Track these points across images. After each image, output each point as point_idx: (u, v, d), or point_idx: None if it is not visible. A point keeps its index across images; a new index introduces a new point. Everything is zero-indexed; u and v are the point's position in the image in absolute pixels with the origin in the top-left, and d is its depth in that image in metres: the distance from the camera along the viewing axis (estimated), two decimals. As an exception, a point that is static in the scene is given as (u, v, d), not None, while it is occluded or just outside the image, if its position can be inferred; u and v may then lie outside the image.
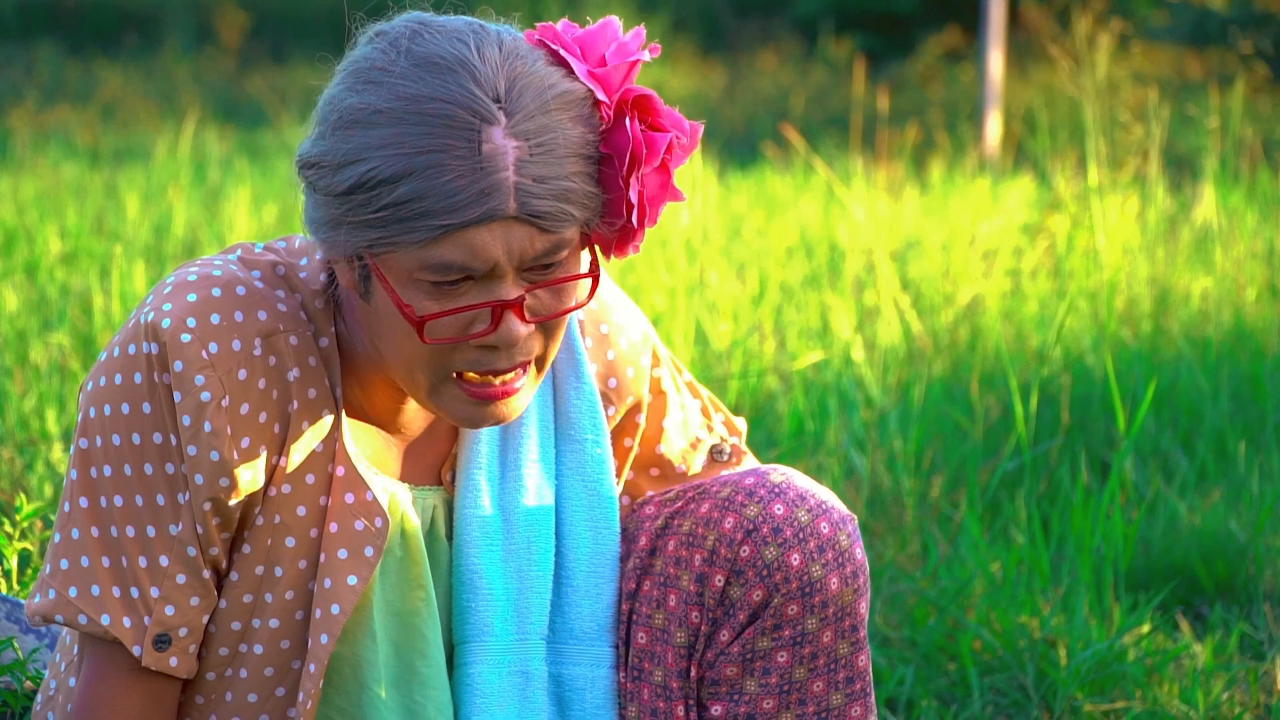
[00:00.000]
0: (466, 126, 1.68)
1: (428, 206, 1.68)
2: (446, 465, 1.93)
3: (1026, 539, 3.41)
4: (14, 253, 6.01)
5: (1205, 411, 4.19)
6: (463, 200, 1.68)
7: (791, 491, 1.93)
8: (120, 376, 1.80)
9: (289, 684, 1.88)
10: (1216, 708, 2.86)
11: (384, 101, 1.69)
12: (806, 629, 1.93)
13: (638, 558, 1.97)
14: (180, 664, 1.84)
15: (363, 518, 1.85)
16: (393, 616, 1.90)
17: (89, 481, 1.83)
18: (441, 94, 1.68)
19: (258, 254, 1.87)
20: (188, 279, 1.81)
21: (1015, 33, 12.33)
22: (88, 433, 1.82)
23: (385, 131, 1.68)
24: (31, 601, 1.86)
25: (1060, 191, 5.61)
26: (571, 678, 1.95)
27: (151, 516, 1.81)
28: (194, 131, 9.03)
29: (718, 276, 5.18)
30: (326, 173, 1.71)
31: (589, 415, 1.96)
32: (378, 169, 1.68)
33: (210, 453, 1.78)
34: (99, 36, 15.26)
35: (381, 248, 1.71)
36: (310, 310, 1.84)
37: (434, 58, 1.70)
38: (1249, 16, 10.30)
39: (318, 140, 1.73)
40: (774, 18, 15.21)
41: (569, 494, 1.96)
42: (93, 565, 1.83)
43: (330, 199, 1.72)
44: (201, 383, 1.77)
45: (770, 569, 1.91)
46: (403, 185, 1.68)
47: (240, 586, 1.86)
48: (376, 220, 1.69)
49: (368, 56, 1.74)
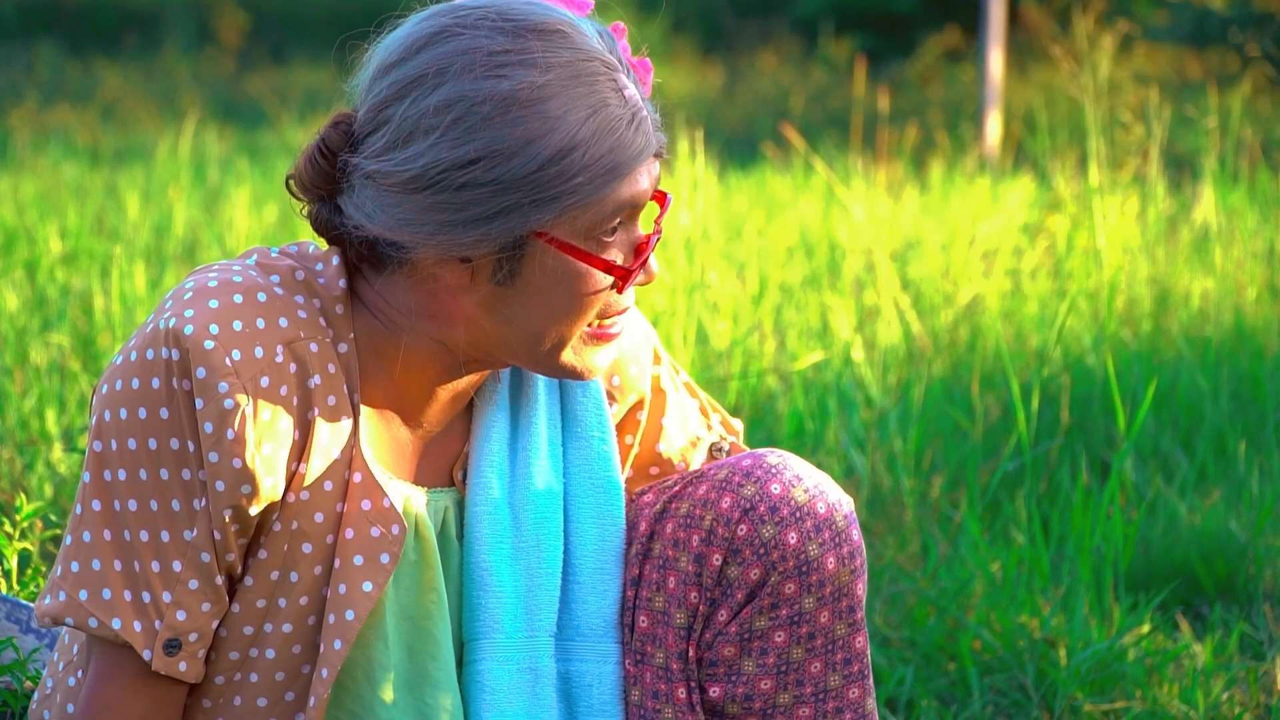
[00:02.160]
0: (608, 77, 1.76)
1: (615, 158, 1.75)
2: (458, 465, 1.94)
3: (1026, 539, 3.41)
4: (14, 253, 6.02)
5: (1205, 411, 4.19)
6: (636, 145, 1.76)
7: (789, 472, 1.94)
8: (138, 381, 1.79)
9: (299, 688, 1.88)
10: (1216, 708, 2.86)
11: (538, 75, 1.73)
12: (804, 608, 1.93)
13: (639, 544, 1.98)
14: (189, 669, 1.84)
15: (379, 524, 1.85)
16: (406, 620, 1.90)
17: (103, 485, 1.82)
18: (579, 55, 1.75)
19: (275, 258, 1.86)
20: (208, 285, 1.80)
21: (1015, 33, 12.33)
22: (103, 436, 1.81)
23: (554, 103, 1.73)
24: (41, 603, 1.85)
25: (1060, 191, 5.61)
26: (579, 674, 1.96)
27: (166, 522, 1.81)
28: (194, 131, 9.03)
29: (718, 276, 5.18)
30: (499, 161, 1.72)
31: (594, 412, 1.98)
32: (562, 138, 1.72)
33: (233, 460, 1.78)
34: (99, 36, 15.26)
35: (568, 213, 1.75)
36: (329, 315, 1.84)
37: (548, 24, 1.76)
38: (1249, 16, 10.30)
39: (461, 140, 1.72)
40: (774, 18, 15.21)
41: (576, 490, 1.97)
42: (105, 568, 1.82)
43: (502, 186, 1.73)
44: (225, 390, 1.76)
45: (767, 547, 1.92)
46: (590, 147, 1.73)
47: (254, 591, 1.86)
48: (570, 188, 1.74)
49: (476, 47, 1.74)
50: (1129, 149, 5.57)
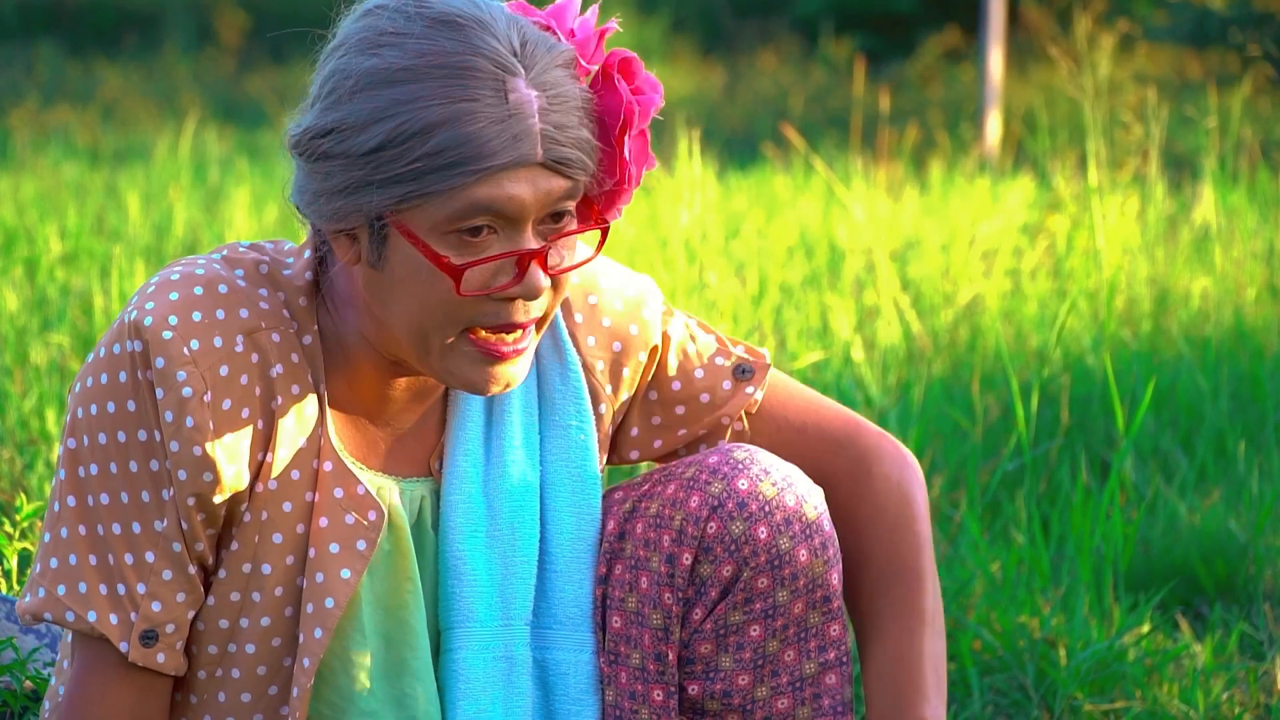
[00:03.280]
0: (493, 77, 1.72)
1: (463, 153, 1.71)
2: (435, 455, 1.94)
3: (1026, 539, 3.41)
4: (14, 253, 6.02)
5: (1205, 411, 4.19)
6: (496, 145, 1.72)
7: (755, 466, 1.93)
8: (106, 376, 1.82)
9: (281, 681, 1.89)
10: (1216, 708, 2.86)
11: (407, 59, 1.72)
12: (777, 601, 1.93)
13: (607, 542, 1.97)
14: (168, 660, 1.85)
15: (353, 511, 1.86)
16: (382, 610, 1.91)
17: (77, 480, 1.84)
18: (465, 48, 1.72)
19: (242, 253, 1.88)
20: (171, 278, 1.83)
21: (1015, 33, 12.33)
22: (75, 432, 1.84)
23: (413, 87, 1.72)
24: (22, 601, 1.87)
25: (1060, 191, 5.61)
26: (555, 663, 1.96)
27: (137, 513, 1.83)
28: (194, 131, 9.03)
29: (717, 276, 5.18)
30: (348, 135, 1.73)
31: (574, 401, 1.97)
32: (409, 122, 1.71)
33: (193, 448, 1.79)
34: (99, 36, 15.26)
35: (413, 201, 1.73)
36: (294, 308, 1.86)
37: (450, 16, 1.74)
38: (1249, 16, 10.30)
39: (328, 109, 1.75)
40: (774, 18, 15.21)
41: (553, 479, 1.96)
42: (80, 563, 1.84)
43: (351, 161, 1.73)
44: (183, 378, 1.79)
45: (738, 543, 1.91)
46: (436, 135, 1.71)
47: (228, 584, 1.87)
48: (409, 173, 1.72)
49: (373, 25, 1.76)
50: (1129, 149, 5.57)
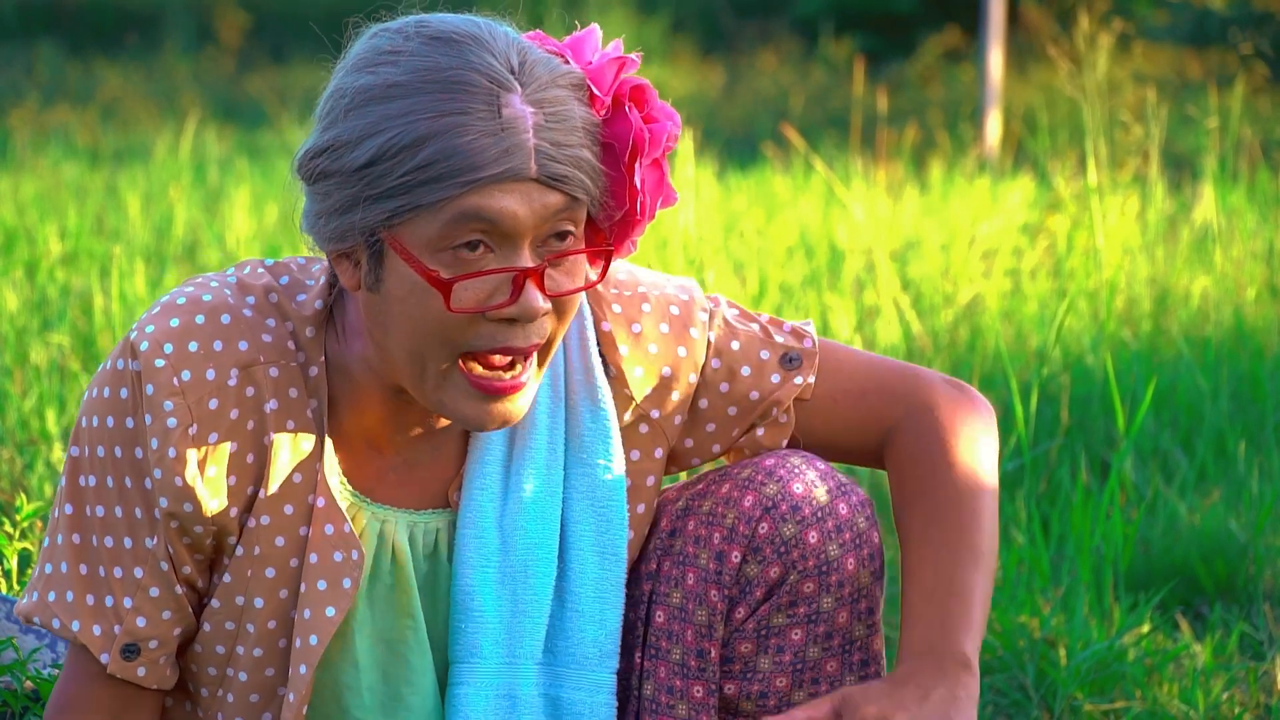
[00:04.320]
0: (486, 92, 1.70)
1: (452, 165, 1.69)
2: (454, 486, 1.91)
3: (1026, 539, 3.41)
4: (14, 253, 6.02)
5: (1205, 411, 4.19)
6: (487, 158, 1.69)
7: (811, 472, 1.93)
8: (108, 390, 1.82)
9: (275, 710, 1.89)
10: (1216, 708, 2.86)
11: (400, 75, 1.71)
12: (822, 607, 1.93)
13: (658, 539, 1.96)
14: (149, 674, 1.86)
15: (340, 549, 1.84)
16: (381, 644, 1.90)
17: (76, 489, 1.85)
18: (459, 64, 1.71)
19: (257, 276, 1.86)
20: (177, 301, 1.82)
21: (1015, 33, 12.33)
22: (79, 440, 1.84)
23: (404, 102, 1.70)
24: (20, 602, 1.88)
25: (1060, 191, 5.61)
26: (570, 702, 1.93)
27: (128, 529, 1.83)
28: (194, 131, 9.03)
29: (717, 276, 5.18)
30: (342, 152, 1.72)
31: (602, 440, 1.92)
32: (398, 136, 1.69)
33: (174, 478, 1.79)
34: (99, 36, 15.25)
35: (403, 216, 1.71)
36: (300, 338, 1.83)
37: (447, 34, 1.73)
38: (1249, 16, 10.30)
39: (326, 129, 1.74)
40: (774, 18, 15.20)
41: (577, 517, 1.92)
42: (70, 571, 1.85)
43: (345, 178, 1.72)
44: (170, 409, 1.78)
45: (787, 546, 1.91)
46: (425, 148, 1.69)
47: (221, 614, 1.86)
48: (399, 186, 1.70)
49: (374, 46, 1.75)
50: (1129, 149, 5.57)
